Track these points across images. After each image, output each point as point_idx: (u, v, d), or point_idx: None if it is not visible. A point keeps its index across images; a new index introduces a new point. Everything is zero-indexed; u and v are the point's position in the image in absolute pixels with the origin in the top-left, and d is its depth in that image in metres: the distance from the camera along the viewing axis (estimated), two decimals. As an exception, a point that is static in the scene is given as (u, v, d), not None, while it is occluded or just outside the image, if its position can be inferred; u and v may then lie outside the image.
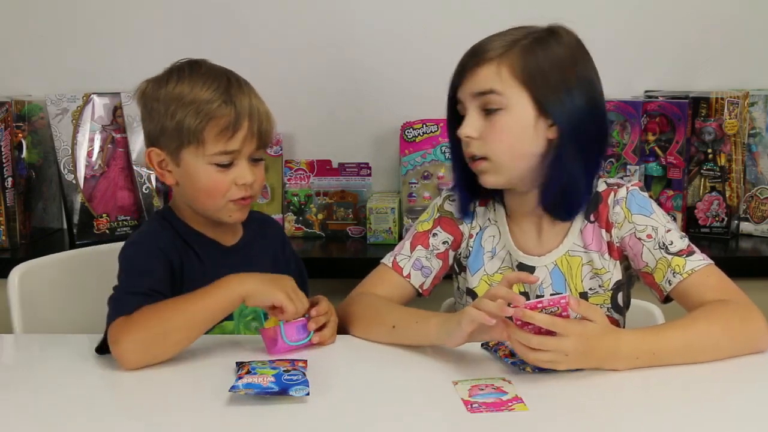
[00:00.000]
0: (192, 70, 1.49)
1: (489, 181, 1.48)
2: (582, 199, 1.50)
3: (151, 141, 1.51)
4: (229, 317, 1.48)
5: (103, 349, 1.38)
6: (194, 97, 1.45)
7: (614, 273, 1.52)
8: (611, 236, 1.51)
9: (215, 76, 1.48)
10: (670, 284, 1.44)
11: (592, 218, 1.52)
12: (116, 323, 1.35)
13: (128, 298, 1.39)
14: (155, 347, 1.34)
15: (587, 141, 1.46)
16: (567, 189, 1.47)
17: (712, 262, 1.45)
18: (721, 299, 1.39)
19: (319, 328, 1.45)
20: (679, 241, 1.47)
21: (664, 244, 1.46)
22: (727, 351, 1.35)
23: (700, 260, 1.45)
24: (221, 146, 1.45)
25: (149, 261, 1.46)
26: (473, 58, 1.44)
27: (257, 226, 1.62)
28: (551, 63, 1.44)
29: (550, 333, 1.24)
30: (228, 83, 1.47)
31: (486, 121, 1.43)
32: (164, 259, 1.47)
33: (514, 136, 1.44)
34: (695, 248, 1.47)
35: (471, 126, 1.43)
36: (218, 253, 1.54)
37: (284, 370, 1.28)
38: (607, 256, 1.52)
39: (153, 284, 1.42)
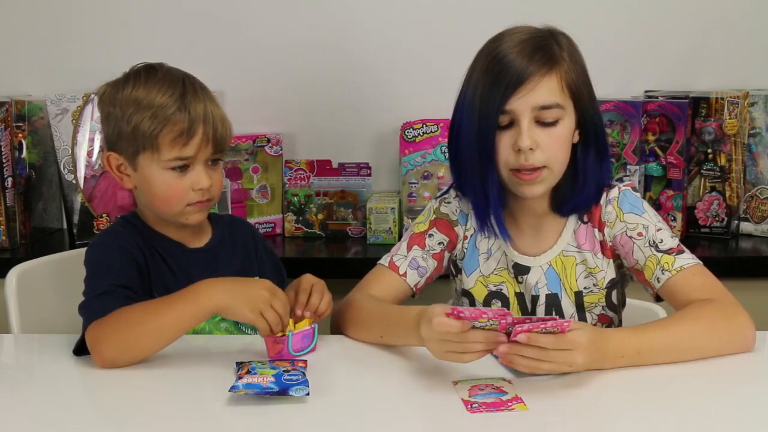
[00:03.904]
0: (149, 74, 1.49)
1: (539, 190, 1.46)
2: (596, 196, 1.52)
3: (109, 145, 1.52)
4: None
5: (80, 350, 1.39)
6: (150, 101, 1.45)
7: (608, 272, 1.54)
8: (604, 235, 1.53)
9: (171, 81, 1.48)
10: (658, 281, 1.46)
11: (585, 219, 1.54)
12: (91, 328, 1.36)
13: (96, 301, 1.40)
14: (130, 351, 1.35)
15: (602, 140, 1.50)
16: (589, 189, 1.50)
17: (701, 262, 1.47)
18: (707, 298, 1.41)
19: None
20: (669, 239, 1.49)
21: (654, 242, 1.48)
22: (711, 350, 1.36)
23: (689, 259, 1.47)
24: (176, 152, 1.45)
25: (111, 259, 1.46)
26: (532, 72, 1.40)
27: (227, 228, 1.62)
28: (584, 70, 1.47)
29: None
30: (183, 89, 1.47)
31: (541, 131, 1.42)
32: (127, 257, 1.47)
33: (567, 144, 1.46)
34: (685, 248, 1.49)
35: (532, 138, 1.41)
36: (185, 256, 1.54)
37: (284, 370, 1.28)
38: (600, 255, 1.53)
39: (118, 280, 1.43)
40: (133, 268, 1.47)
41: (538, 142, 1.42)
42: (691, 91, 2.22)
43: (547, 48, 1.43)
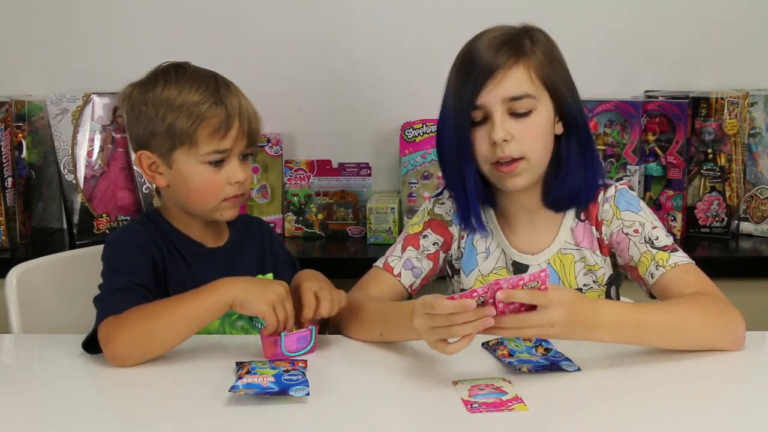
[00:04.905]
0: (178, 73, 1.50)
1: (521, 182, 1.47)
2: (586, 190, 1.53)
3: (140, 144, 1.52)
4: None
5: (89, 346, 1.39)
6: (183, 100, 1.46)
7: (606, 269, 1.56)
8: (601, 233, 1.54)
9: (202, 79, 1.50)
10: (652, 277, 1.47)
11: (582, 217, 1.56)
12: (105, 323, 1.37)
13: (113, 297, 1.40)
14: (143, 346, 1.35)
15: (585, 131, 1.51)
16: (574, 180, 1.50)
17: (694, 262, 1.48)
18: (701, 291, 1.42)
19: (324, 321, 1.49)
20: (664, 238, 1.50)
21: (649, 239, 1.49)
22: (705, 339, 1.36)
23: (683, 257, 1.48)
24: (214, 145, 1.47)
25: (128, 256, 1.47)
26: (499, 64, 1.43)
27: (243, 228, 1.63)
28: (559, 62, 1.48)
29: (530, 310, 1.23)
30: (216, 85, 1.49)
31: (515, 122, 1.44)
32: (144, 255, 1.48)
33: (545, 135, 1.47)
34: (679, 248, 1.50)
35: (505, 129, 1.43)
36: (204, 255, 1.55)
37: (284, 370, 1.28)
38: (598, 252, 1.55)
39: (134, 278, 1.43)
40: (149, 267, 1.48)
41: (512, 133, 1.43)
42: (691, 91, 2.21)
43: (516, 42, 1.45)
